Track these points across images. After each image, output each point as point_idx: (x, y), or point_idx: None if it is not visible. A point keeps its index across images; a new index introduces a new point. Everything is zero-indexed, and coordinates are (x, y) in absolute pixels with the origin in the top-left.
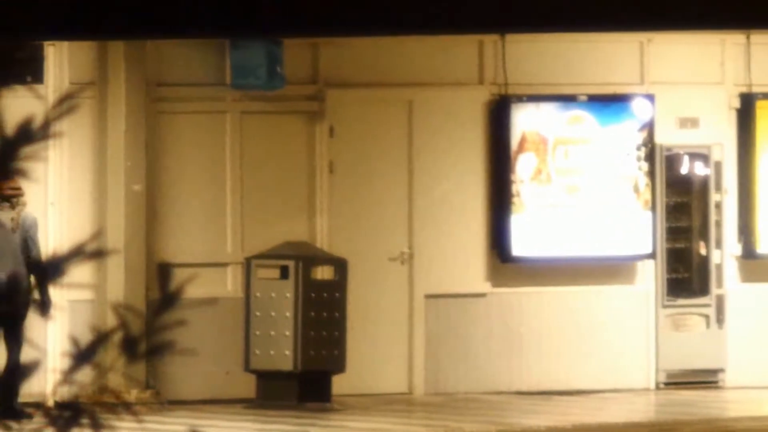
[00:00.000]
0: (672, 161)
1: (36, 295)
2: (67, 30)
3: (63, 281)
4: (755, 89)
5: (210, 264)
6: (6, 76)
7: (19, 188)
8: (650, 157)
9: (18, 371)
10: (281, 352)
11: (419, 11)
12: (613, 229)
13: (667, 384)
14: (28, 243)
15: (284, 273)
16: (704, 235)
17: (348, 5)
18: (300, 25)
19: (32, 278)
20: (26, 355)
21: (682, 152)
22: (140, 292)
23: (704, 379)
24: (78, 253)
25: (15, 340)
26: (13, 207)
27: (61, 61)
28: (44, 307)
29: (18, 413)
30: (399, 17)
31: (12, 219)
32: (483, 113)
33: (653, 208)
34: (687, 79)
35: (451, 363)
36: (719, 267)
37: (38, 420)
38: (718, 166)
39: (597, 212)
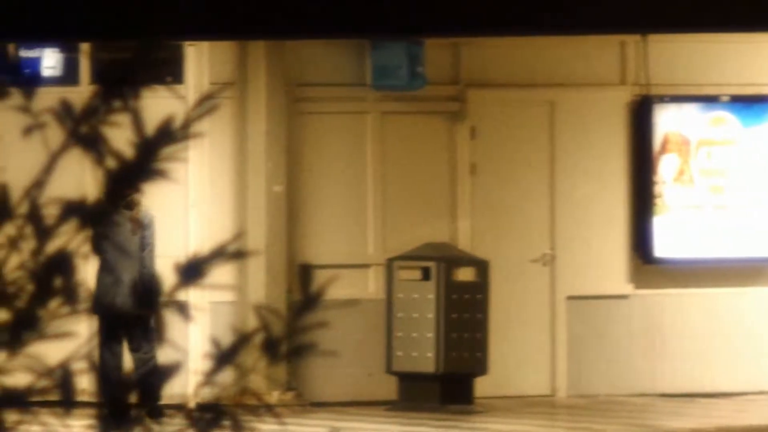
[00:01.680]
0: None
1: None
2: (208, 30)
3: (204, 283)
4: None
5: (351, 265)
6: (146, 76)
7: None
8: None
9: (157, 372)
10: (423, 354)
11: (561, 11)
12: (757, 230)
13: None
14: (143, 242)
15: (426, 274)
16: None
17: (490, 5)
18: (441, 25)
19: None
20: (168, 356)
21: None
22: (281, 293)
23: None
24: (219, 255)
25: (152, 340)
26: (130, 208)
27: (201, 62)
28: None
29: (158, 414)
30: (540, 18)
31: (132, 220)
32: (625, 114)
33: None
34: None
35: (594, 365)
36: None
37: (179, 422)
38: None
39: (740, 213)
